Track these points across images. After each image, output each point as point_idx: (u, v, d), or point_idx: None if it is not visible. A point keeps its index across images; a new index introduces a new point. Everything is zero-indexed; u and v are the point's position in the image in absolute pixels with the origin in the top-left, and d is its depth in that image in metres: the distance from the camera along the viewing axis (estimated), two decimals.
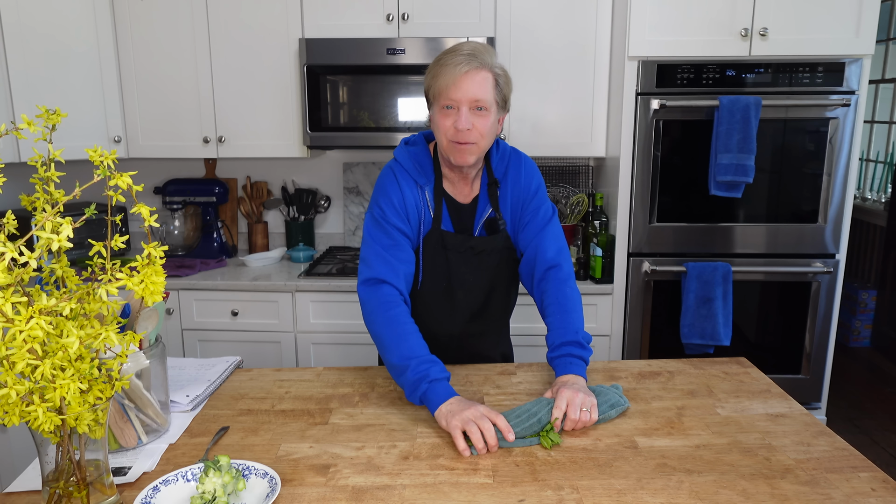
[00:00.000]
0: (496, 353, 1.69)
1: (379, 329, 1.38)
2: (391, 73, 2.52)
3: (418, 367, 1.29)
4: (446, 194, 1.51)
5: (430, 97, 1.43)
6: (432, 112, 1.43)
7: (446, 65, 1.35)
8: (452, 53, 1.37)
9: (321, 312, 2.54)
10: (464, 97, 1.35)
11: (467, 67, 1.34)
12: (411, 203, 1.47)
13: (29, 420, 0.83)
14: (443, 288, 1.54)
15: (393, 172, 1.49)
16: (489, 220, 1.51)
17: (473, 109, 1.36)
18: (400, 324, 1.36)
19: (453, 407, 1.23)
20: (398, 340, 1.34)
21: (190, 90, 2.66)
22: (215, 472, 1.00)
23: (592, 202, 2.69)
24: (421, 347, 1.34)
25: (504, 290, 1.60)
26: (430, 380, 1.28)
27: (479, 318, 1.59)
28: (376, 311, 1.39)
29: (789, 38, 2.35)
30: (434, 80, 1.38)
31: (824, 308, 2.51)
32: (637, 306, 2.53)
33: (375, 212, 1.47)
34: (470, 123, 1.36)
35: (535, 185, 1.54)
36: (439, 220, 1.49)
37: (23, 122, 0.83)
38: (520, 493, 1.05)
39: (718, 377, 1.51)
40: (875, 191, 4.27)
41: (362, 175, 3.02)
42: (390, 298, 1.39)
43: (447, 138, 1.40)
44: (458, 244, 1.50)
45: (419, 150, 1.51)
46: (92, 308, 0.89)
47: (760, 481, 1.07)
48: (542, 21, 2.56)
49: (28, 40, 2.40)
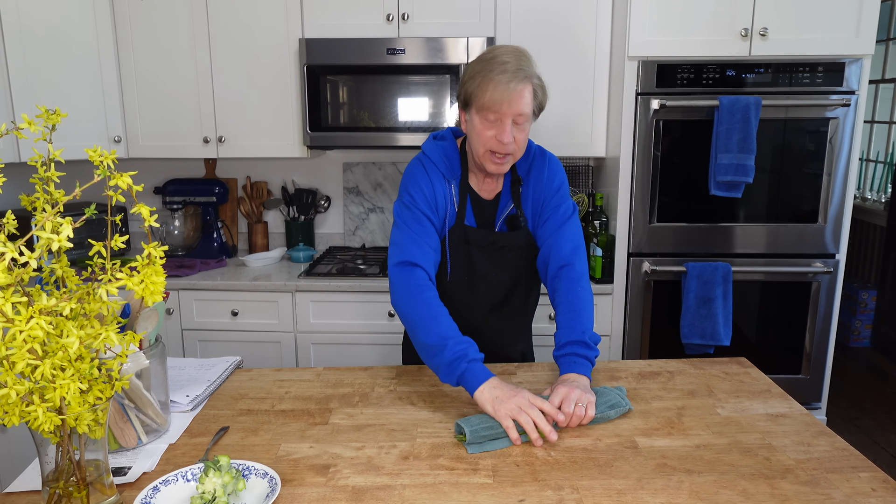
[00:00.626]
0: (515, 352, 1.69)
1: (411, 311, 1.39)
2: (391, 73, 2.52)
3: (455, 346, 1.30)
4: (471, 189, 1.54)
5: (469, 101, 1.42)
6: (470, 117, 1.43)
7: (495, 80, 1.35)
8: (500, 66, 1.36)
9: (321, 312, 2.54)
10: (510, 111, 1.37)
11: (518, 85, 1.36)
12: (440, 195, 1.50)
13: (29, 420, 0.83)
14: (464, 281, 1.56)
15: (422, 164, 1.52)
16: (510, 216, 1.53)
17: (515, 124, 1.39)
18: (433, 306, 1.38)
19: (498, 392, 1.23)
20: (433, 321, 1.35)
21: (190, 90, 2.66)
22: (215, 472, 1.00)
23: (592, 202, 2.69)
24: (455, 329, 1.35)
25: (525, 286, 1.61)
26: (470, 359, 1.29)
27: (500, 314, 1.60)
28: (410, 294, 1.40)
29: (789, 38, 2.34)
30: (481, 91, 1.38)
31: (824, 308, 2.51)
32: (637, 306, 2.53)
33: (405, 198, 1.49)
34: (512, 137, 1.38)
35: (557, 183, 1.55)
36: (463, 215, 1.52)
37: (23, 122, 0.83)
38: (520, 493, 1.05)
39: (718, 377, 1.51)
40: (875, 191, 4.27)
41: (362, 175, 3.02)
42: (422, 282, 1.40)
43: (485, 147, 1.41)
44: (480, 239, 1.52)
45: (447, 144, 1.53)
46: (92, 308, 0.89)
47: (760, 481, 1.07)
48: (541, 21, 2.55)
49: (28, 40, 2.40)
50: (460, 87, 1.45)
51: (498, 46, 1.43)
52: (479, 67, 1.39)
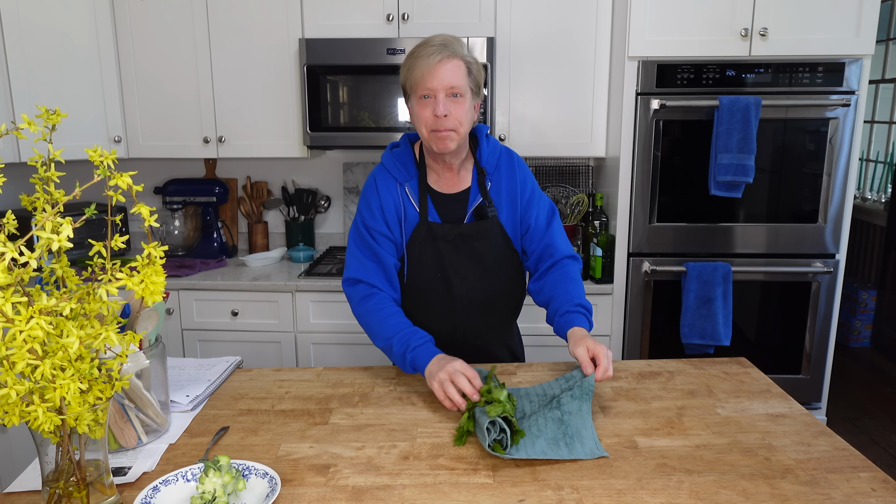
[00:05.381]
0: (501, 348, 1.69)
1: (364, 321, 1.53)
2: (391, 73, 2.52)
3: (400, 340, 1.42)
4: (430, 188, 1.57)
5: (407, 90, 1.48)
6: (411, 105, 1.48)
7: (420, 56, 1.42)
8: (424, 45, 1.43)
9: (321, 312, 2.54)
10: (440, 85, 1.41)
11: (440, 56, 1.40)
12: (389, 202, 1.55)
13: (29, 420, 0.83)
14: (438, 279, 1.56)
15: (374, 176, 1.59)
16: (477, 206, 1.56)
17: (449, 97, 1.42)
18: (378, 310, 1.49)
19: (433, 367, 1.34)
20: (380, 324, 1.48)
21: (190, 90, 2.66)
22: (215, 472, 1.00)
23: (592, 202, 2.69)
24: (401, 324, 1.46)
25: (503, 279, 1.61)
26: (413, 347, 1.40)
27: (479, 309, 1.59)
28: (357, 306, 1.54)
29: (789, 38, 2.35)
30: (410, 72, 1.44)
31: (824, 308, 2.51)
32: (637, 306, 2.53)
33: (357, 217, 1.59)
34: (448, 110, 1.42)
35: (530, 185, 1.61)
36: (425, 213, 1.54)
37: (23, 122, 0.83)
38: (520, 493, 1.05)
39: (718, 377, 1.51)
40: (875, 191, 4.27)
41: (362, 175, 3.02)
42: (366, 292, 1.52)
43: (427, 128, 1.45)
44: (446, 233, 1.54)
45: (401, 150, 1.59)
46: (92, 308, 0.89)
47: (760, 481, 1.07)
48: (542, 21, 2.56)
49: (28, 40, 2.40)
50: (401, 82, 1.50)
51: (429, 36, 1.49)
52: (410, 55, 1.45)
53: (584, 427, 1.21)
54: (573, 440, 1.18)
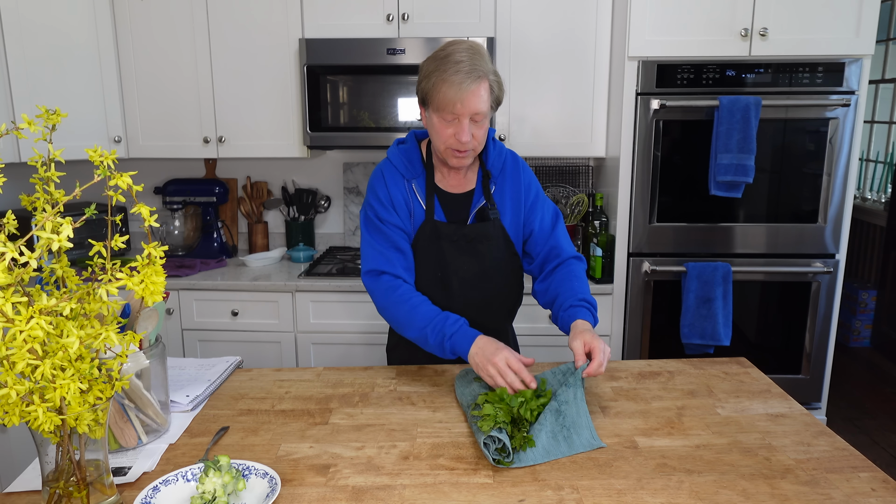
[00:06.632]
0: None
1: (391, 313, 1.50)
2: (391, 73, 2.52)
3: (434, 329, 1.42)
4: (437, 188, 1.56)
5: (427, 102, 1.45)
6: (429, 115, 1.46)
7: (449, 81, 1.37)
8: (454, 66, 1.37)
9: (321, 312, 2.54)
10: (466, 111, 1.39)
11: (472, 85, 1.37)
12: (398, 196, 1.54)
13: (29, 420, 0.83)
14: (437, 278, 1.56)
15: (381, 170, 1.57)
16: (480, 208, 1.56)
17: (473, 121, 1.42)
18: (406, 300, 1.48)
19: (477, 357, 1.35)
20: (410, 316, 1.46)
21: (190, 90, 2.66)
22: (215, 472, 1.00)
23: (592, 202, 2.69)
24: (431, 312, 1.45)
25: (502, 281, 1.61)
26: (450, 335, 1.40)
27: (476, 311, 1.59)
28: (383, 298, 1.51)
29: (789, 38, 2.34)
30: (435, 91, 1.40)
31: (824, 308, 2.51)
32: (637, 306, 2.53)
33: (368, 210, 1.56)
34: (470, 135, 1.41)
35: (534, 189, 1.61)
36: (431, 212, 1.54)
37: (23, 122, 0.83)
38: (520, 493, 1.05)
39: (718, 377, 1.51)
40: (875, 191, 4.27)
41: (362, 175, 3.02)
42: (391, 283, 1.50)
43: (446, 145, 1.45)
44: (451, 233, 1.54)
45: (409, 147, 1.58)
46: (92, 308, 0.89)
47: (760, 481, 1.07)
48: (541, 21, 2.56)
49: (28, 40, 2.40)
50: (418, 83, 1.46)
51: (452, 43, 1.44)
52: (434, 66, 1.40)
53: (580, 415, 1.23)
54: (570, 431, 1.20)
